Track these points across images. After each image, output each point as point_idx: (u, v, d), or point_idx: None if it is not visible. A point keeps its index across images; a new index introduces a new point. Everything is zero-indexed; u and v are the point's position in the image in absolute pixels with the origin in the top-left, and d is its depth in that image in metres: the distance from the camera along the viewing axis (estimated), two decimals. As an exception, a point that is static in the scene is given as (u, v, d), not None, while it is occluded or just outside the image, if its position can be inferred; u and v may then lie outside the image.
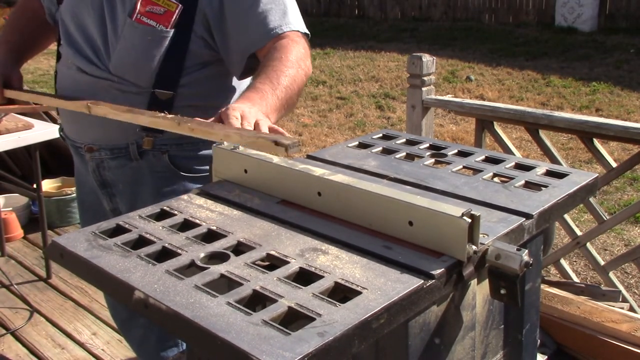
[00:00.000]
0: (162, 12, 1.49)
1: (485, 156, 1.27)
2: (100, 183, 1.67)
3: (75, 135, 1.68)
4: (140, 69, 1.52)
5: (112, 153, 1.62)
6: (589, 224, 3.88)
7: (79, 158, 1.71)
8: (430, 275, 0.80)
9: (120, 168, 1.62)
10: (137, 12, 1.49)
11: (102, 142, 1.61)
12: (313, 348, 0.66)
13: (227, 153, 1.12)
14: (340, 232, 0.92)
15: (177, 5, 1.49)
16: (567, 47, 8.64)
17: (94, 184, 1.70)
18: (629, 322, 1.66)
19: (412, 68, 2.98)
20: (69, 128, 1.71)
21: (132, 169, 1.61)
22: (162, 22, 1.49)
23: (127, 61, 1.52)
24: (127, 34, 1.51)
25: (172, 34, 1.50)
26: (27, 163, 3.93)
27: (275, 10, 1.47)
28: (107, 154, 1.62)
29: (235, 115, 1.16)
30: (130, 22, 1.50)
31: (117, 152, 1.61)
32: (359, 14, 12.08)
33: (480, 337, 1.01)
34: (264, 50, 1.45)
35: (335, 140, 5.77)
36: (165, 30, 1.49)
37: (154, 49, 1.50)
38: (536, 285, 1.14)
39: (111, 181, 1.65)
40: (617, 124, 2.51)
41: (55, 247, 0.92)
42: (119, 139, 1.59)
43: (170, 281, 0.80)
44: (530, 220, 0.99)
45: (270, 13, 1.46)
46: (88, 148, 1.64)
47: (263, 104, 1.27)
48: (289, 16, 1.48)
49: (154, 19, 1.49)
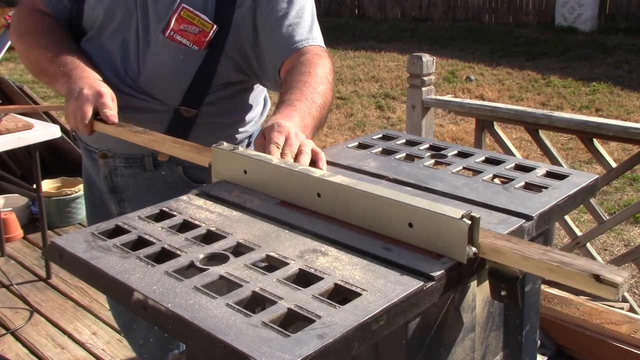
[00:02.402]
0: (196, 32, 1.46)
1: (485, 157, 1.27)
2: (111, 188, 1.66)
3: (89, 139, 1.65)
4: (169, 87, 1.50)
5: (126, 162, 1.61)
6: (589, 224, 3.88)
7: (91, 161, 1.70)
8: (430, 277, 0.80)
9: (133, 176, 1.62)
10: (171, 29, 1.46)
11: (118, 150, 1.60)
12: (312, 350, 0.66)
13: (227, 154, 1.12)
14: (340, 234, 0.92)
15: (212, 25, 1.46)
16: (567, 47, 8.64)
17: (103, 187, 1.69)
18: (628, 323, 1.66)
19: (412, 68, 2.98)
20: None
21: (146, 178, 1.61)
22: (195, 41, 1.47)
23: (157, 78, 1.50)
24: (159, 50, 1.48)
25: (204, 54, 1.48)
26: (27, 163, 3.93)
27: (302, 25, 1.46)
28: (121, 162, 1.62)
29: (277, 142, 1.13)
30: (163, 38, 1.47)
31: (132, 161, 1.60)
32: (359, 14, 12.08)
33: (480, 338, 1.01)
34: (287, 63, 1.43)
35: (335, 141, 5.77)
36: (198, 50, 1.47)
37: (185, 68, 1.49)
38: (536, 286, 1.14)
39: (122, 187, 1.65)
40: (617, 124, 2.51)
41: (54, 248, 0.92)
42: (134, 149, 1.55)
43: (170, 282, 0.80)
44: (530, 222, 0.99)
45: (297, 27, 1.46)
46: (102, 154, 1.63)
47: (302, 124, 1.25)
48: (313, 31, 1.48)
49: (187, 37, 1.46)
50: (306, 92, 1.31)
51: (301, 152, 1.14)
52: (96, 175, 1.70)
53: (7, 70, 8.49)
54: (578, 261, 0.78)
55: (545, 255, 0.80)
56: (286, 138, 1.15)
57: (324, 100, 1.34)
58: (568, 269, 0.77)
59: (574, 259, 0.78)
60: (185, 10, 1.46)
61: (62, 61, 1.47)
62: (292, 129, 1.17)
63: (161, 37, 1.47)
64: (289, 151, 1.13)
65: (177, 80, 1.50)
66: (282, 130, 1.16)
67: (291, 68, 1.40)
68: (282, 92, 1.35)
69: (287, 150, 1.13)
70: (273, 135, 1.15)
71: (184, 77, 1.49)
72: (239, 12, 1.48)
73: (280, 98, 1.34)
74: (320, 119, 1.32)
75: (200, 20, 1.46)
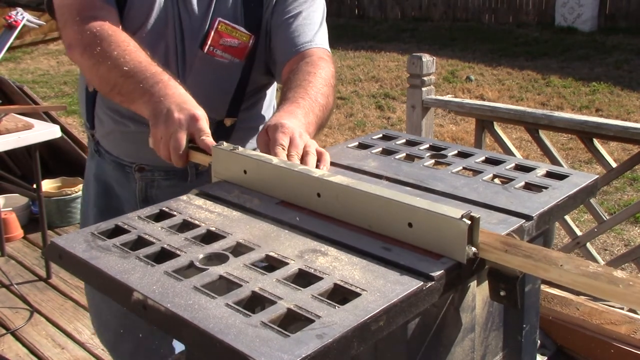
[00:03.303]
0: (236, 45, 1.43)
1: (485, 157, 1.27)
2: (143, 199, 1.61)
3: (123, 154, 1.60)
4: (213, 103, 1.43)
5: (166, 174, 1.58)
6: (589, 224, 3.88)
7: (120, 173, 1.63)
8: (429, 277, 0.80)
9: (171, 187, 1.58)
10: (210, 45, 1.43)
11: (158, 163, 1.46)
12: (312, 350, 0.66)
13: (227, 154, 1.12)
14: (339, 234, 0.92)
15: (250, 36, 1.44)
16: (567, 47, 8.64)
17: (131, 199, 1.62)
18: (628, 323, 1.66)
19: (412, 68, 2.98)
20: (116, 145, 1.61)
21: (184, 188, 1.49)
22: (236, 55, 1.44)
23: (200, 94, 1.33)
24: (200, 67, 1.44)
25: (243, 65, 1.46)
26: (27, 163, 3.93)
27: (310, 27, 1.46)
28: (160, 175, 1.58)
29: (283, 143, 1.12)
30: (203, 55, 1.43)
31: (172, 173, 1.57)
32: (359, 14, 12.08)
33: (480, 338, 1.01)
34: (292, 63, 1.42)
35: (335, 141, 5.77)
36: (239, 62, 1.45)
37: (228, 83, 1.46)
38: (536, 286, 1.14)
39: (156, 197, 1.60)
40: (617, 124, 2.51)
41: (54, 248, 0.92)
42: None
43: (169, 282, 0.80)
44: (530, 222, 0.99)
45: (305, 28, 1.45)
46: (140, 168, 1.58)
47: (306, 121, 1.23)
48: (320, 35, 1.47)
49: (228, 52, 1.43)
50: (310, 91, 1.31)
51: (307, 153, 1.13)
52: (123, 187, 1.64)
53: (7, 70, 8.50)
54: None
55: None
56: (291, 139, 1.14)
57: (326, 102, 1.33)
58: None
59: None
60: (222, 24, 1.43)
61: (139, 75, 1.26)
62: (296, 130, 1.16)
63: (200, 54, 1.43)
64: (295, 152, 1.12)
65: (222, 96, 1.48)
66: (286, 131, 1.15)
67: (295, 68, 1.39)
68: (285, 90, 1.34)
69: (293, 151, 1.12)
70: (278, 137, 1.14)
71: (227, 91, 1.48)
72: (266, 14, 1.47)
73: (283, 95, 1.33)
74: (322, 119, 1.32)
75: (238, 32, 1.44)
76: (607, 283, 0.75)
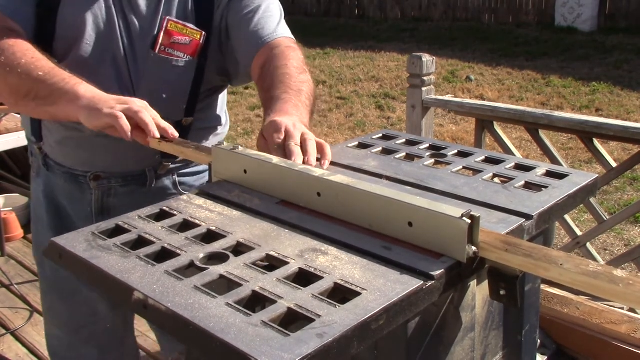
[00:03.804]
0: (188, 42, 1.42)
1: (485, 157, 1.27)
2: (100, 211, 1.55)
3: (77, 163, 1.52)
4: (171, 104, 1.44)
5: (124, 180, 1.53)
6: (589, 224, 3.87)
7: (72, 185, 1.55)
8: (429, 276, 0.80)
9: (129, 194, 1.54)
10: (161, 45, 1.41)
11: (115, 169, 1.51)
12: (312, 349, 0.66)
13: (227, 153, 1.12)
14: (339, 233, 0.92)
15: (201, 32, 1.43)
16: (567, 47, 8.64)
17: (85, 212, 1.55)
18: (628, 322, 1.66)
19: (412, 68, 2.98)
20: (69, 155, 1.53)
21: (143, 194, 1.54)
22: (188, 52, 1.42)
23: (156, 96, 1.40)
24: (152, 68, 1.42)
25: (197, 63, 1.44)
26: (27, 163, 3.92)
27: (271, 20, 1.46)
28: (117, 182, 1.53)
29: (279, 141, 1.12)
30: (155, 55, 1.41)
31: (130, 179, 1.53)
32: (359, 14, 12.07)
33: (480, 338, 1.01)
34: (260, 57, 1.41)
35: (335, 140, 5.77)
36: (192, 59, 1.43)
37: (183, 82, 1.44)
38: (536, 286, 1.14)
39: (113, 207, 1.55)
40: (617, 124, 2.51)
41: (54, 247, 0.92)
42: (135, 165, 1.51)
43: (170, 282, 0.80)
44: (530, 221, 0.99)
45: (267, 20, 1.45)
46: (95, 176, 1.52)
47: (298, 114, 1.23)
48: (281, 25, 1.47)
49: (180, 49, 1.42)
50: (291, 84, 1.30)
51: (305, 140, 1.13)
52: (75, 202, 1.56)
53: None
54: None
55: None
56: (286, 132, 1.14)
57: (309, 88, 1.34)
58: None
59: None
60: (172, 23, 1.41)
61: (57, 77, 1.26)
62: (289, 122, 1.16)
63: (152, 55, 1.41)
64: (292, 142, 1.11)
65: (179, 95, 1.46)
66: (279, 127, 1.15)
67: (266, 62, 1.39)
68: (266, 89, 1.33)
69: (291, 141, 1.11)
70: (274, 136, 1.14)
71: (184, 90, 1.46)
72: (218, 12, 1.46)
73: (265, 95, 1.33)
74: (311, 106, 1.32)
75: (189, 30, 1.42)
76: (607, 282, 0.75)
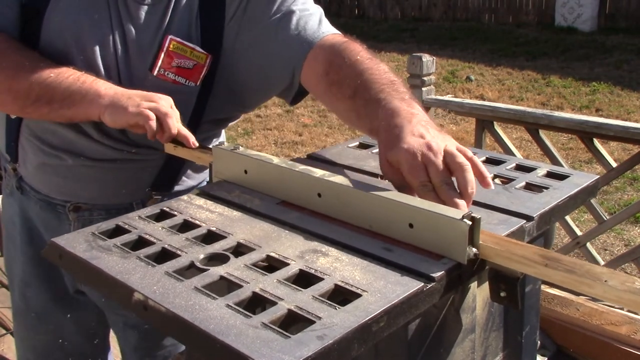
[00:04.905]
0: (191, 67, 1.25)
1: (485, 157, 1.27)
2: None
3: (55, 191, 1.38)
4: None
5: (107, 213, 1.36)
6: (589, 224, 3.88)
7: (51, 215, 1.40)
8: (430, 277, 0.80)
9: None
10: (160, 67, 1.24)
11: (99, 201, 1.37)
12: (313, 351, 0.66)
13: (227, 153, 1.12)
14: (340, 234, 0.92)
15: (207, 56, 1.25)
16: (567, 47, 8.64)
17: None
18: (628, 323, 1.66)
19: (412, 68, 2.98)
20: (46, 181, 1.38)
21: None
22: (191, 77, 1.25)
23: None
24: (149, 92, 1.20)
25: (198, 90, 1.27)
26: None
27: (312, 18, 1.27)
28: (100, 214, 1.37)
29: (422, 177, 0.90)
30: (154, 78, 1.24)
31: (115, 212, 1.31)
32: (359, 14, 12.07)
33: (480, 339, 1.01)
34: (315, 63, 1.21)
35: (336, 141, 5.77)
36: (194, 86, 1.26)
37: (182, 110, 1.22)
38: (536, 287, 1.14)
39: None
40: (617, 124, 2.51)
41: (53, 247, 0.91)
42: (123, 198, 1.37)
43: (170, 283, 0.79)
44: (531, 222, 0.98)
45: (309, 20, 1.26)
46: (75, 207, 1.37)
47: (418, 112, 1.00)
48: (324, 21, 1.29)
49: (182, 74, 1.25)
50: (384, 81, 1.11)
51: (457, 168, 0.92)
52: (51, 229, 1.40)
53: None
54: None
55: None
56: (426, 163, 0.91)
57: (398, 78, 1.16)
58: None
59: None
60: (174, 43, 1.24)
61: (71, 78, 1.16)
62: (423, 147, 0.92)
63: (151, 77, 1.24)
64: (439, 179, 0.90)
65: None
66: (415, 161, 0.91)
67: (329, 65, 1.18)
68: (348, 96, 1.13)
69: (438, 179, 0.90)
70: (416, 175, 0.91)
71: (182, 120, 1.25)
72: (230, 27, 1.27)
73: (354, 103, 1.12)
74: (408, 92, 1.10)
75: (193, 52, 1.25)
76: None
